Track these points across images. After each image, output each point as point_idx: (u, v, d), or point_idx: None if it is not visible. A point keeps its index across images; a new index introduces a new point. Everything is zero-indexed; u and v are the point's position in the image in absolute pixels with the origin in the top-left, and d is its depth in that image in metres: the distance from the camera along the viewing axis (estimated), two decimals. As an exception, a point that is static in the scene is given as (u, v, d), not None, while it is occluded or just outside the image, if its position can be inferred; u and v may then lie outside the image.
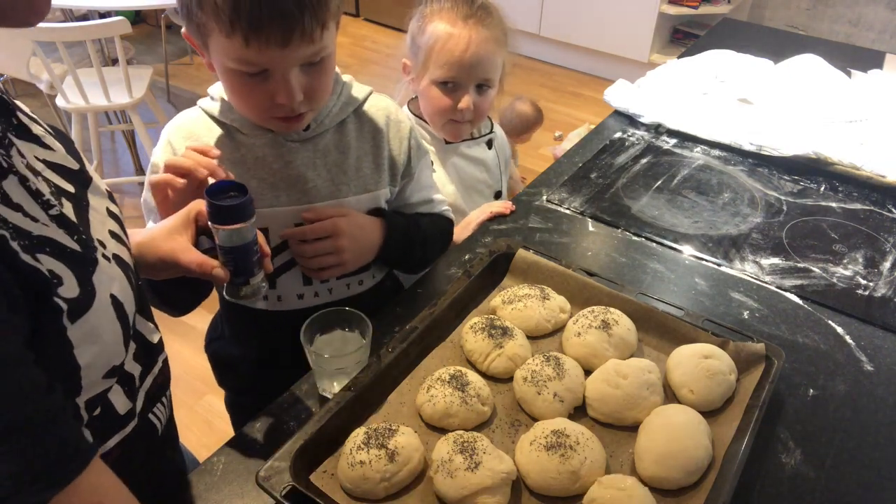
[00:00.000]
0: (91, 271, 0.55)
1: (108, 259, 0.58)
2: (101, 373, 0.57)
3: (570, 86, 4.03)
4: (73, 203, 0.58)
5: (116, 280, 0.58)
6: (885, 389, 0.94)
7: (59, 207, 0.55)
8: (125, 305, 0.59)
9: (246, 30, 0.74)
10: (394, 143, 1.01)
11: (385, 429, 0.76)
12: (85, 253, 0.55)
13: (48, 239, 0.51)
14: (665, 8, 3.73)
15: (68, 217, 0.56)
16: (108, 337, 0.56)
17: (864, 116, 1.60)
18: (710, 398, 0.85)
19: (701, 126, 1.56)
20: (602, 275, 1.03)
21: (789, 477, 0.81)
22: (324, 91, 0.88)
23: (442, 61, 1.19)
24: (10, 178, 0.50)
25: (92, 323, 0.53)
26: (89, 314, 0.53)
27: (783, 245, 1.23)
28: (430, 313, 0.92)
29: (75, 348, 0.52)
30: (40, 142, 0.59)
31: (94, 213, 0.61)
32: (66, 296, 0.50)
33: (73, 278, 0.52)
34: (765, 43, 2.05)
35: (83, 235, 0.56)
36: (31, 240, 0.49)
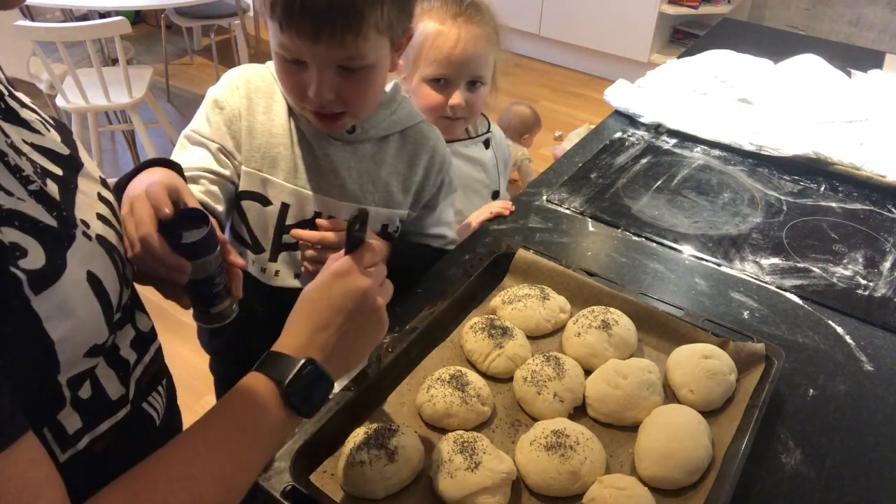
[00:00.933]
0: (66, 246, 0.55)
1: (89, 237, 0.59)
2: (80, 350, 0.57)
3: (570, 86, 4.03)
4: (59, 184, 0.59)
5: (97, 258, 0.59)
6: (885, 389, 0.94)
7: (39, 184, 0.56)
8: (105, 283, 0.59)
9: (280, 16, 0.79)
10: (427, 172, 1.04)
11: (385, 429, 0.76)
12: (61, 229, 0.56)
13: (18, 213, 0.52)
14: (665, 8, 3.73)
15: (49, 195, 0.57)
16: (83, 313, 0.56)
17: (864, 116, 1.60)
18: (710, 398, 0.85)
19: (701, 126, 1.56)
20: (602, 275, 1.03)
21: (789, 477, 0.81)
22: (361, 99, 0.90)
23: (431, 58, 1.19)
24: None
25: (61, 296, 0.53)
26: (56, 287, 0.53)
27: (783, 245, 1.23)
28: (430, 313, 0.92)
29: (45, 321, 0.52)
30: (28, 126, 0.60)
31: (82, 196, 0.62)
32: (26, 267, 0.51)
33: (42, 251, 0.52)
34: (765, 43, 2.05)
35: (63, 213, 0.57)
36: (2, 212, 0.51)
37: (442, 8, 1.20)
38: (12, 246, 0.50)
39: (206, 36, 4.19)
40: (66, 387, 0.57)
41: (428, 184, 1.05)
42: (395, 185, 1.02)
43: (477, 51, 1.20)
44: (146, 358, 0.70)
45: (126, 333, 0.67)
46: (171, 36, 4.18)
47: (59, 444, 0.59)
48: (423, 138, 1.04)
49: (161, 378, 0.75)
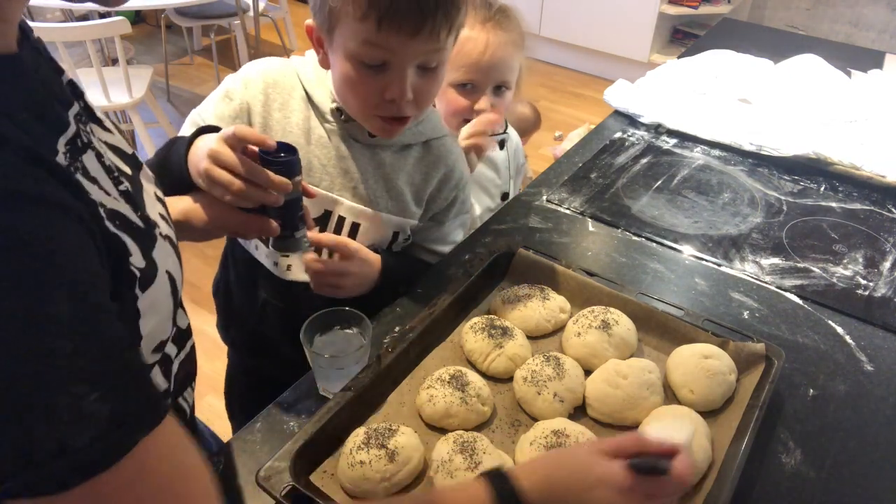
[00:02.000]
0: (152, 247, 0.57)
1: (163, 237, 0.61)
2: (151, 346, 0.59)
3: (570, 86, 4.03)
4: (130, 184, 0.60)
5: (170, 258, 0.61)
6: (885, 389, 0.94)
7: (126, 184, 0.57)
8: (176, 281, 0.61)
9: (382, 12, 0.78)
10: (441, 185, 1.04)
11: (385, 429, 0.76)
12: (146, 229, 0.57)
13: (118, 213, 0.53)
14: (665, 8, 3.73)
15: (132, 194, 0.58)
16: (163, 311, 0.59)
17: (864, 116, 1.60)
18: (710, 398, 0.85)
19: (701, 126, 1.56)
20: (602, 275, 1.03)
21: (789, 477, 0.81)
22: (430, 98, 0.91)
23: (460, 63, 1.19)
24: (88, 152, 0.52)
25: (155, 296, 0.56)
26: (153, 287, 0.55)
27: (783, 245, 1.23)
28: (430, 313, 0.92)
29: (141, 318, 0.54)
30: (102, 124, 0.61)
31: (147, 196, 0.63)
32: (136, 265, 0.53)
33: (139, 252, 0.54)
34: (765, 43, 2.05)
35: (144, 213, 0.59)
36: (108, 212, 0.51)
37: (471, 13, 1.20)
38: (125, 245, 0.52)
39: (206, 36, 4.19)
40: None
41: (440, 196, 1.05)
42: (408, 194, 1.01)
43: (505, 56, 1.20)
44: (182, 354, 0.72)
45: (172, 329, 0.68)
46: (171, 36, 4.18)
47: None
48: (446, 152, 1.03)
49: (193, 374, 0.76)
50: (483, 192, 1.35)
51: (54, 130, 0.48)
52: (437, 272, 1.11)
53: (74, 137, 0.50)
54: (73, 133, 0.50)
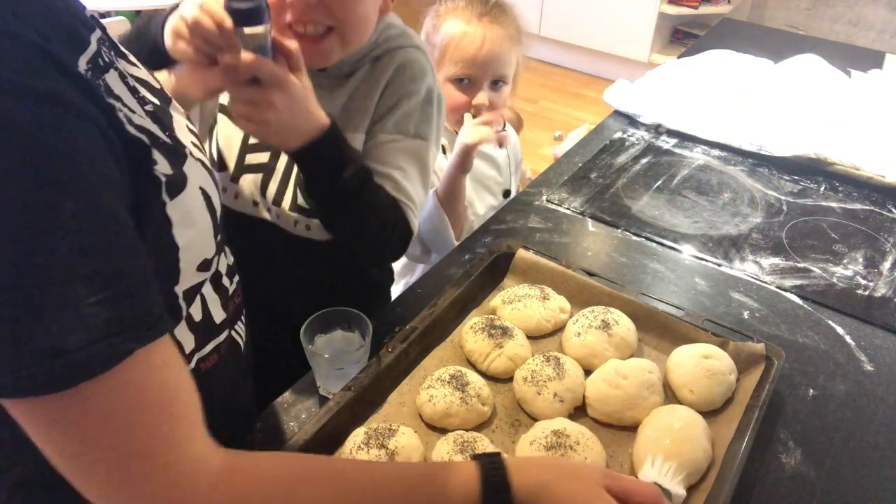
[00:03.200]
0: (182, 161, 0.57)
1: (194, 157, 0.61)
2: (195, 262, 0.59)
3: (570, 86, 4.03)
4: (160, 112, 0.60)
5: (205, 178, 0.61)
6: (885, 389, 0.94)
7: (152, 105, 0.57)
8: (213, 200, 0.62)
9: None
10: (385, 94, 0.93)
11: (385, 429, 0.76)
12: (174, 146, 0.57)
13: (144, 128, 0.53)
14: (665, 8, 3.73)
15: (159, 116, 0.58)
16: (201, 225, 0.59)
17: (864, 116, 1.60)
18: (710, 398, 0.85)
19: (701, 126, 1.56)
20: (602, 275, 1.03)
21: (789, 477, 0.81)
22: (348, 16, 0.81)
23: (457, 58, 1.19)
24: (111, 72, 0.52)
25: (187, 205, 0.56)
26: (184, 195, 0.55)
27: (783, 245, 1.23)
28: (430, 313, 0.92)
29: (174, 227, 0.54)
30: (127, 58, 0.62)
31: (178, 125, 0.64)
32: (163, 171, 0.53)
33: (167, 162, 0.54)
34: (765, 43, 2.05)
35: (173, 133, 0.59)
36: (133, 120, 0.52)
37: (467, 7, 1.20)
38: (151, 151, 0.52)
39: (206, 36, 4.18)
40: (182, 299, 0.60)
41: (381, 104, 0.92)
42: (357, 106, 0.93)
43: (502, 51, 1.21)
44: (233, 287, 0.73)
45: (224, 261, 0.69)
46: (171, 36, 4.17)
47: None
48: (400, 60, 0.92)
49: (242, 308, 0.77)
50: (486, 190, 1.35)
51: (75, 47, 0.47)
52: (437, 272, 1.11)
53: (95, 56, 0.49)
54: (94, 52, 0.50)
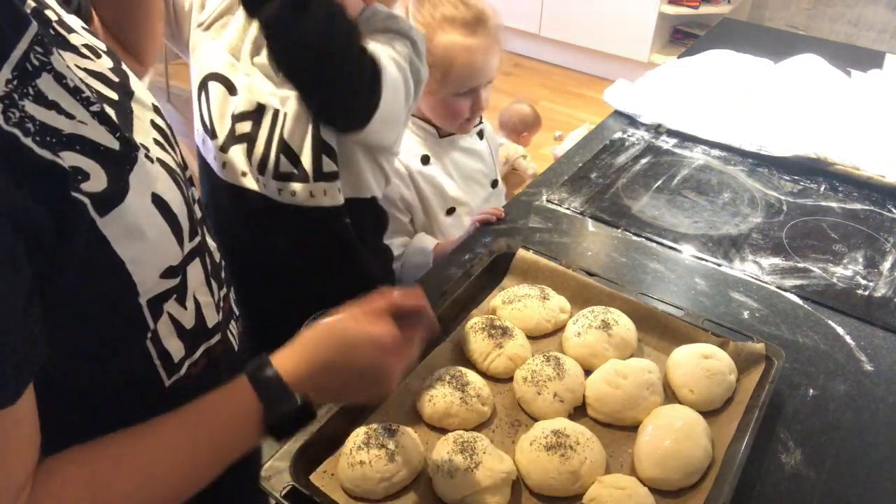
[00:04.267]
0: (128, 169, 0.56)
1: (150, 160, 0.59)
2: (155, 271, 0.58)
3: (570, 86, 4.03)
4: (115, 109, 0.59)
5: (160, 180, 0.59)
6: (885, 389, 0.94)
7: (101, 105, 0.55)
8: (171, 205, 0.60)
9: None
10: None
11: (385, 429, 0.76)
12: (123, 151, 0.56)
13: (80, 137, 0.52)
14: (665, 8, 3.73)
15: (110, 116, 0.56)
16: (152, 234, 0.57)
17: (864, 116, 1.60)
18: (710, 398, 0.85)
19: (701, 126, 1.56)
20: (602, 275, 1.03)
21: (789, 477, 0.81)
22: None
23: (465, 74, 1.22)
24: (44, 75, 0.50)
25: (128, 218, 0.54)
26: (122, 209, 0.54)
27: (783, 245, 1.23)
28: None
29: (112, 243, 0.53)
30: (78, 52, 0.60)
31: (138, 122, 0.62)
32: (88, 190, 0.51)
33: (103, 174, 0.52)
34: (765, 43, 2.05)
35: (126, 134, 0.57)
36: (60, 137, 0.50)
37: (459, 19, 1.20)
38: (74, 170, 0.50)
39: (206, 36, 4.18)
40: (147, 310, 0.59)
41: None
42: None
43: (493, 56, 1.24)
44: (223, 289, 0.72)
45: (207, 263, 0.68)
46: (171, 36, 4.16)
47: (166, 372, 0.62)
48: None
49: (233, 310, 0.76)
50: (476, 184, 1.37)
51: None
52: (437, 272, 1.11)
53: (22, 62, 0.48)
54: (20, 57, 0.48)
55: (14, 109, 0.47)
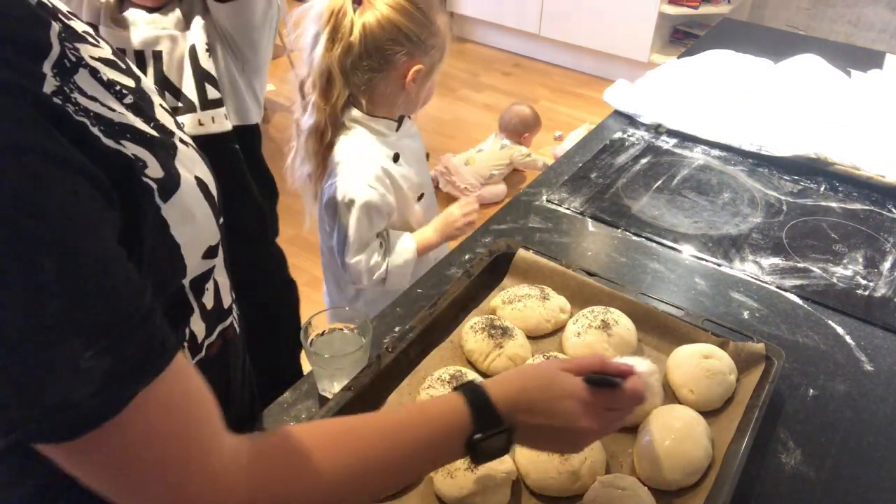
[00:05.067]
0: (173, 155, 0.56)
1: (185, 143, 0.60)
2: (199, 252, 0.59)
3: (570, 86, 4.03)
4: (136, 97, 0.59)
5: (197, 163, 0.61)
6: (885, 389, 0.94)
7: (131, 97, 0.56)
8: (209, 186, 0.61)
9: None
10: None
11: (385, 429, 0.76)
12: (163, 138, 0.56)
13: (128, 126, 0.52)
14: (665, 8, 3.73)
15: (142, 105, 0.57)
16: (200, 217, 0.58)
17: (864, 116, 1.60)
18: (710, 398, 0.85)
19: (701, 126, 1.56)
20: (602, 275, 1.03)
21: (789, 477, 0.81)
22: None
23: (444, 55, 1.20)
24: (80, 71, 0.50)
25: (184, 203, 0.55)
26: (178, 195, 0.55)
27: (783, 245, 1.23)
28: (430, 313, 0.92)
29: (171, 228, 0.54)
30: (88, 40, 0.59)
31: (156, 107, 0.62)
32: (152, 176, 0.52)
33: (156, 162, 0.53)
34: (765, 43, 2.05)
35: (159, 122, 0.58)
36: (112, 126, 0.50)
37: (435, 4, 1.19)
38: (135, 157, 0.51)
39: (206, 36, 4.19)
40: (190, 292, 0.60)
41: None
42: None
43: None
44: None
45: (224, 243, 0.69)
46: (171, 36, 4.17)
47: (192, 353, 0.63)
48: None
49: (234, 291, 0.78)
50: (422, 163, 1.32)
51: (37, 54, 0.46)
52: (437, 272, 1.11)
53: (61, 58, 0.48)
54: (59, 54, 0.48)
55: (70, 103, 0.46)
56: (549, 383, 0.65)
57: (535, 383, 0.65)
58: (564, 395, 0.64)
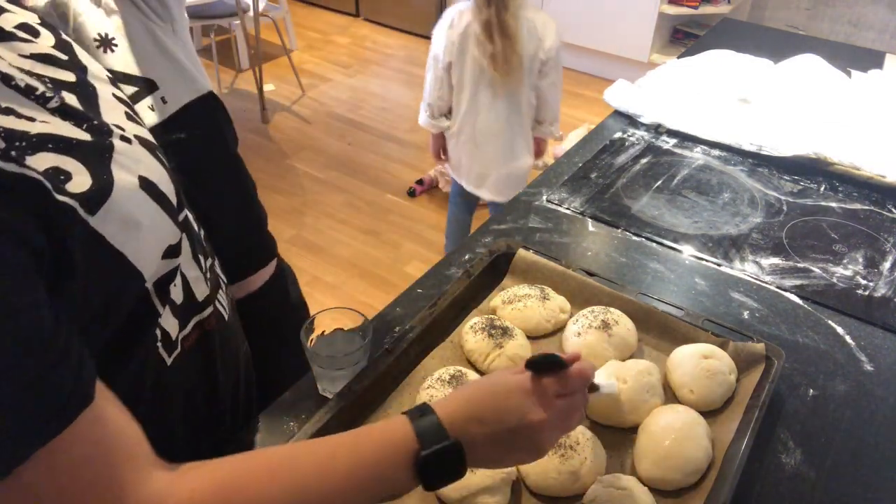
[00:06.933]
0: (108, 158, 0.53)
1: (128, 141, 0.56)
2: (156, 255, 0.57)
3: (570, 86, 4.03)
4: (76, 92, 0.55)
5: (142, 161, 0.57)
6: (885, 389, 0.94)
7: (59, 99, 0.52)
8: (160, 185, 0.57)
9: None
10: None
11: (385, 429, 0.76)
12: (97, 141, 0.53)
13: (50, 135, 0.49)
14: (665, 8, 3.73)
15: (72, 106, 0.53)
16: (148, 220, 0.55)
17: (864, 116, 1.60)
18: (710, 398, 0.85)
19: (701, 126, 1.56)
20: (602, 275, 1.03)
21: (789, 477, 0.81)
22: None
23: None
24: None
25: (120, 210, 0.52)
26: (111, 202, 0.51)
27: (783, 245, 1.23)
28: (430, 313, 0.92)
29: (109, 238, 0.51)
30: (16, 37, 0.55)
31: (103, 100, 0.59)
32: (74, 191, 0.48)
33: (84, 170, 0.50)
34: (765, 43, 2.05)
35: (94, 122, 0.54)
36: (29, 141, 0.47)
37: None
38: (55, 171, 0.48)
39: (205, 36, 4.19)
40: (154, 294, 0.58)
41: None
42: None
43: None
44: (209, 258, 0.72)
45: (196, 236, 0.67)
46: (171, 36, 4.16)
47: (167, 351, 0.61)
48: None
49: (219, 278, 0.75)
50: None
51: None
52: (437, 272, 1.11)
53: None
54: None
55: None
56: (493, 387, 0.62)
57: (482, 391, 0.62)
58: (510, 392, 0.61)
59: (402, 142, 3.49)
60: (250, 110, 3.69)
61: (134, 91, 0.90)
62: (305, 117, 3.68)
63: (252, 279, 1.12)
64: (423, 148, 3.43)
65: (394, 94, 3.94)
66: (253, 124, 3.58)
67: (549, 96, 1.99)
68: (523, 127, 2.01)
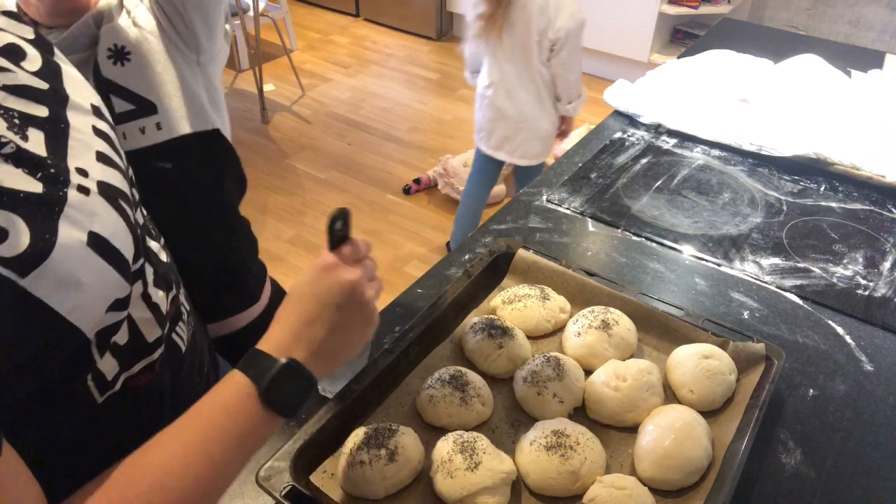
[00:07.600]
0: (57, 212, 0.50)
1: (85, 191, 0.53)
2: (100, 311, 0.55)
3: (570, 86, 4.03)
4: (45, 130, 0.52)
5: (99, 214, 0.54)
6: (885, 389, 0.94)
7: (15, 144, 0.49)
8: (113, 240, 0.54)
9: None
10: None
11: (385, 429, 0.76)
12: (48, 193, 0.49)
13: None
14: (665, 8, 3.73)
15: (29, 153, 0.50)
16: (90, 279, 0.52)
17: (864, 116, 1.60)
18: (710, 398, 0.85)
19: (701, 126, 1.56)
20: (602, 275, 1.03)
21: (789, 477, 0.81)
22: None
23: None
24: None
25: (58, 270, 0.49)
26: (49, 263, 0.48)
27: (783, 245, 1.23)
28: (430, 313, 0.92)
29: (45, 299, 0.48)
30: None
31: (76, 136, 0.56)
32: (5, 254, 0.46)
33: (25, 227, 0.47)
34: (765, 43, 2.05)
35: (51, 170, 0.51)
36: None
37: None
38: None
39: (206, 36, 4.20)
40: (95, 345, 0.56)
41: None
42: None
43: None
44: (171, 293, 0.69)
45: (148, 275, 0.64)
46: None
47: (98, 390, 0.59)
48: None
49: (181, 309, 0.73)
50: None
51: None
52: (437, 272, 1.11)
53: None
54: None
55: None
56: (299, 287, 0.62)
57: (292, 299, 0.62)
58: (316, 277, 0.62)
59: (402, 142, 3.49)
60: (250, 110, 3.69)
61: (128, 109, 0.88)
62: (305, 117, 3.68)
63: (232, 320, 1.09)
64: (424, 148, 3.43)
65: (394, 94, 3.94)
66: (253, 124, 3.58)
67: (563, 75, 2.06)
68: (540, 97, 2.11)
